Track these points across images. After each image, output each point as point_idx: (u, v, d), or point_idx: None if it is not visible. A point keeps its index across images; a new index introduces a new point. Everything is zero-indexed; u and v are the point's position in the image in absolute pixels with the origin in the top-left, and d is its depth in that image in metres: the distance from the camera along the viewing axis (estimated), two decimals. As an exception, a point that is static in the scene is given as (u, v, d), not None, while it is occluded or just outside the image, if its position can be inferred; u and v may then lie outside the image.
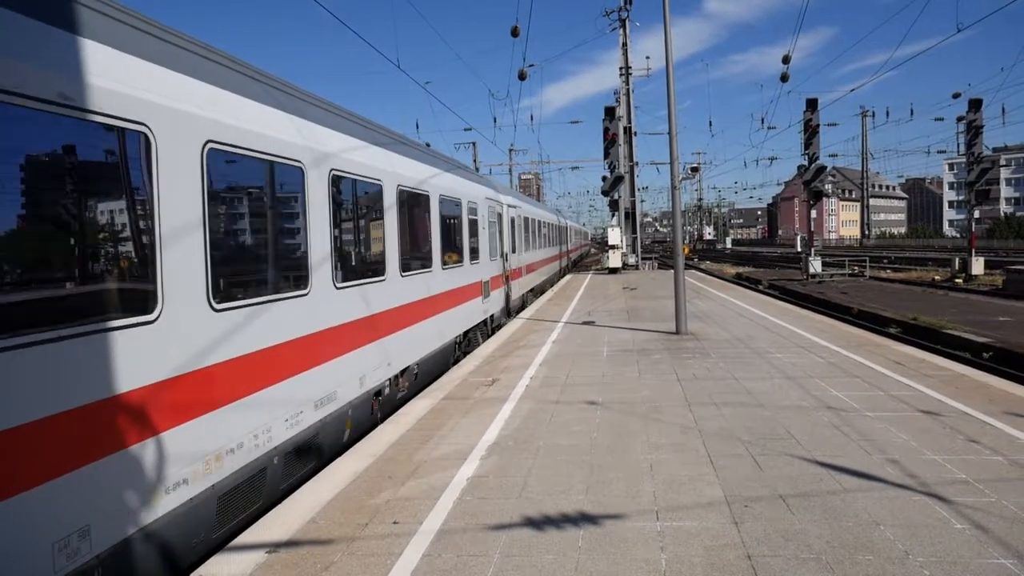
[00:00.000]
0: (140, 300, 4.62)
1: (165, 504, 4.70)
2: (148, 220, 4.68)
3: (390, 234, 9.60)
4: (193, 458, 5.01)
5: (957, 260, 36.77)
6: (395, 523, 5.30)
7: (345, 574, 4.52)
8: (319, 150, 7.47)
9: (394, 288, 9.69)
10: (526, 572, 4.44)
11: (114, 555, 4.20)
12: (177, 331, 4.91)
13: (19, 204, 3.84)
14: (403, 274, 10.07)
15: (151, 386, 4.62)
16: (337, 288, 7.71)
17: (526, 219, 24.44)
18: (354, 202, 8.56)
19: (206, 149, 5.40)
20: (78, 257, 4.17)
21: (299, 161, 6.96)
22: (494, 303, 17.26)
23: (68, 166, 4.15)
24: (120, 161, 4.52)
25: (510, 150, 68.98)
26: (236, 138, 5.84)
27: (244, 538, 5.18)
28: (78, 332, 4.02)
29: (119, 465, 4.27)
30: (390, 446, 7.35)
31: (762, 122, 56.28)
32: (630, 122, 40.19)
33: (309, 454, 6.97)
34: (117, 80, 4.46)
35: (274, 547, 4.95)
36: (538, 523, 5.18)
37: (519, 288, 21.93)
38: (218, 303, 5.43)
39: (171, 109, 4.98)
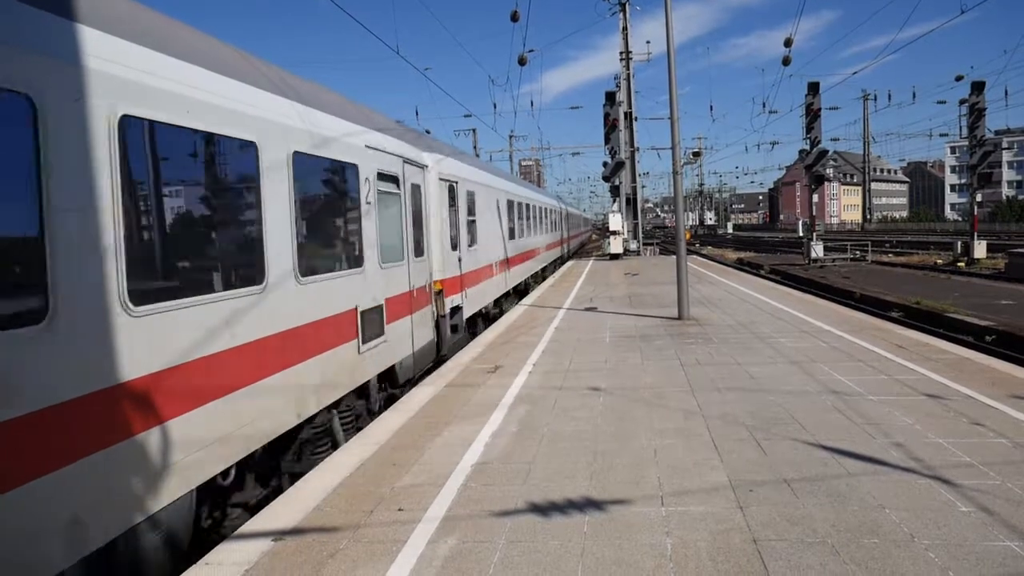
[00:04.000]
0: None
1: None
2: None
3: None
4: None
5: (959, 244, 36.74)
6: (400, 510, 5.31)
7: (351, 561, 4.53)
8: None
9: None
10: (532, 558, 4.45)
11: None
12: None
13: None
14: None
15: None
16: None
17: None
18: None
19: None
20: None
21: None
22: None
23: None
24: None
25: (510, 136, 68.94)
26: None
27: (249, 526, 5.19)
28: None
29: None
30: (393, 434, 7.35)
31: (763, 106, 56.15)
32: (631, 107, 40.00)
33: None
34: None
35: (279, 535, 4.96)
36: (543, 509, 5.18)
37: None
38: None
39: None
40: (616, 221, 37.84)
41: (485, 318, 16.62)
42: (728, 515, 4.94)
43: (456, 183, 13.40)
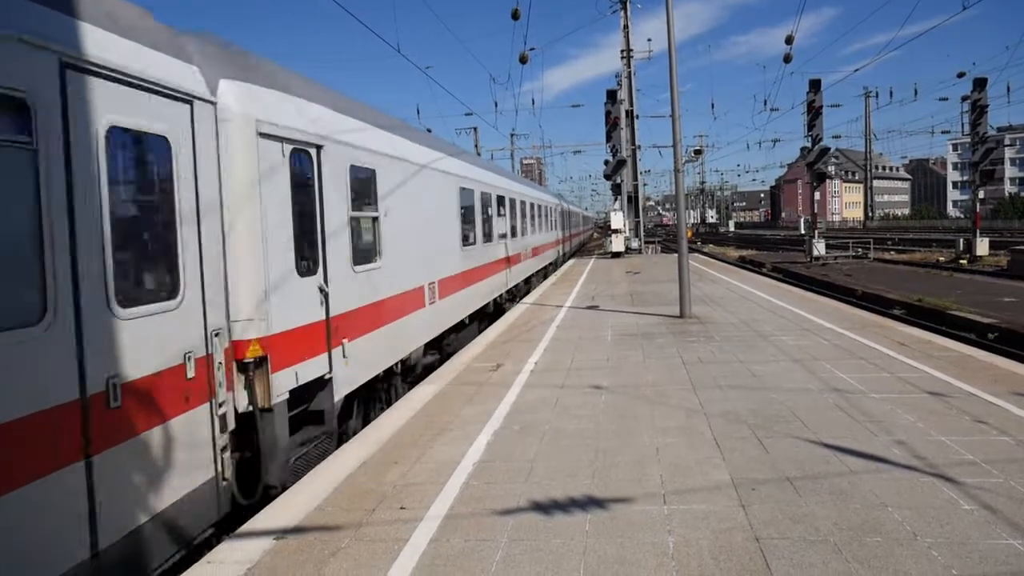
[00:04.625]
0: None
1: None
2: None
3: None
4: None
5: (961, 241, 36.68)
6: (402, 508, 5.31)
7: (353, 559, 4.53)
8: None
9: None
10: (534, 556, 4.45)
11: None
12: None
13: None
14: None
15: None
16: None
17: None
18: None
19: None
20: None
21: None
22: None
23: None
24: None
25: (511, 135, 68.69)
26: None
27: (251, 525, 5.19)
28: None
29: None
30: (395, 432, 7.35)
31: (765, 104, 56.12)
32: (632, 105, 39.90)
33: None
34: None
35: (281, 533, 4.96)
36: (545, 507, 5.18)
37: None
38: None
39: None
40: (618, 219, 37.81)
41: (409, 373, 10.56)
42: (730, 513, 4.94)
43: (318, 149, 7.42)
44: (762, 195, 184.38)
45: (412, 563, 4.43)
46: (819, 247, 35.28)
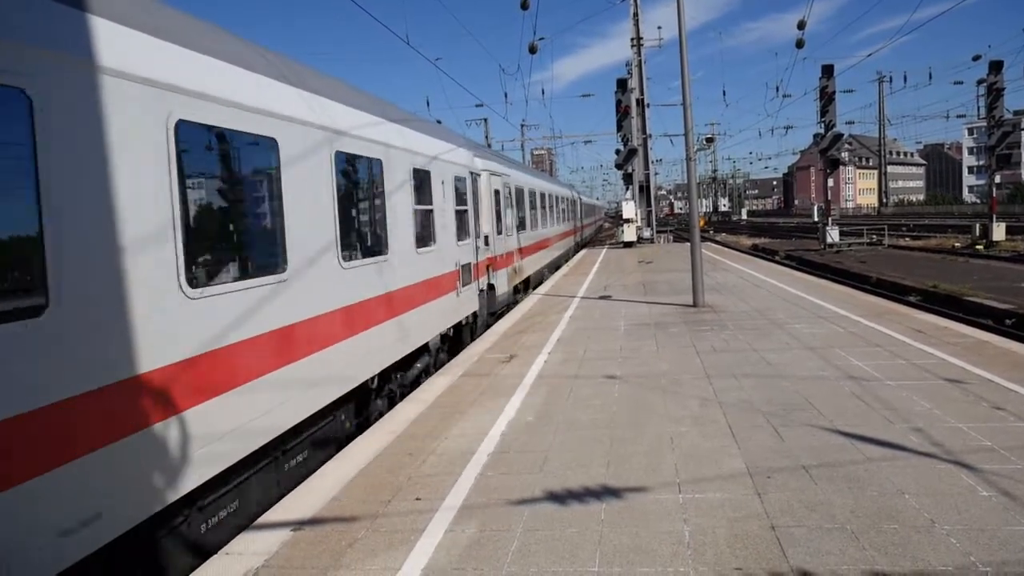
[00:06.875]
0: None
1: None
2: None
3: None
4: None
5: (977, 226, 36.30)
6: (418, 499, 5.34)
7: (370, 550, 4.56)
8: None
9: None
10: (549, 546, 4.46)
11: None
12: None
13: None
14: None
15: None
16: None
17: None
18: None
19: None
20: None
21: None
22: None
23: None
24: None
25: (522, 125, 68.49)
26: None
27: (268, 517, 5.24)
28: None
29: None
30: (410, 424, 7.38)
31: (777, 90, 55.59)
32: (643, 94, 39.65)
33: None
34: None
35: (298, 525, 5.00)
36: (560, 497, 5.19)
37: None
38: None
39: None
40: (629, 209, 37.69)
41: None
42: (746, 502, 4.93)
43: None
44: (775, 183, 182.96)
45: (428, 554, 4.45)
46: (833, 234, 35.02)
